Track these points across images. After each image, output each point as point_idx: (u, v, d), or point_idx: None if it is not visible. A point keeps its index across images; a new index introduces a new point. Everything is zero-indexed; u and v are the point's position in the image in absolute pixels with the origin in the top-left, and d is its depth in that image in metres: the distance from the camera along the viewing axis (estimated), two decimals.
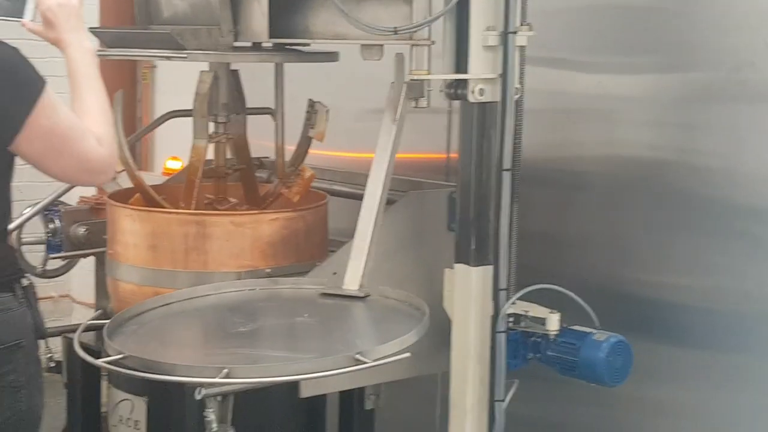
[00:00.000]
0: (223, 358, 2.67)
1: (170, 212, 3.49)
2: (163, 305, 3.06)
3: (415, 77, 3.26)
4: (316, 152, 3.86)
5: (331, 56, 3.70)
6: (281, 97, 3.82)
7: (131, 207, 3.53)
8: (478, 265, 3.22)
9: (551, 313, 3.16)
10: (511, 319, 3.19)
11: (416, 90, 3.30)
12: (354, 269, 3.14)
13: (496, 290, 3.18)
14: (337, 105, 3.82)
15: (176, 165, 4.76)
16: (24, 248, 4.10)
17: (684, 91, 3.51)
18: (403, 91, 3.27)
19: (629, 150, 3.65)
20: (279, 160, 3.84)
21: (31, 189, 4.05)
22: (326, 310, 3.03)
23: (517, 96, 3.26)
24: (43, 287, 4.06)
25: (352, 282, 3.13)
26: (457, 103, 3.36)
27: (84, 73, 2.82)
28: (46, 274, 4.16)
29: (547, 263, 3.74)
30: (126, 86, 6.50)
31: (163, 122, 4.09)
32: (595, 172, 3.74)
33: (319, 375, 2.57)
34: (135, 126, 5.92)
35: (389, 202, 3.40)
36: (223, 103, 3.71)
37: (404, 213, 3.44)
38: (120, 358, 2.61)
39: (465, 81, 3.21)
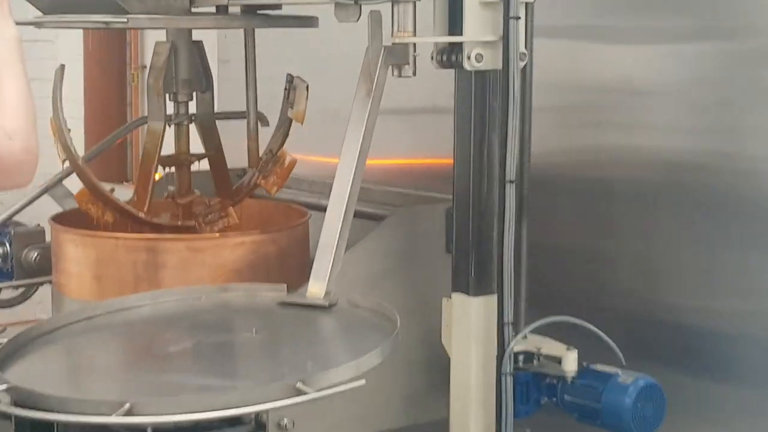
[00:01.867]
0: (134, 388, 2.19)
1: (115, 237, 3.01)
2: (85, 318, 2.53)
3: (398, 41, 2.71)
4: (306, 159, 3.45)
5: (306, 21, 3.16)
6: (253, 70, 3.33)
7: (71, 230, 3.08)
8: (478, 295, 2.75)
9: (568, 350, 2.70)
10: (520, 358, 2.73)
11: (398, 56, 2.79)
12: (318, 273, 2.61)
13: (500, 324, 2.70)
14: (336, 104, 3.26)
15: None
16: None
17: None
18: (381, 57, 2.71)
19: (666, 151, 3.10)
20: (251, 144, 3.32)
21: None
22: (281, 323, 2.56)
23: (523, 63, 2.72)
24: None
25: (316, 289, 2.59)
26: None
27: (2, 59, 2.36)
28: None
29: (566, 288, 3.25)
30: (115, 88, 6.12)
31: (136, 127, 3.56)
32: (624, 177, 3.20)
33: (244, 411, 2.01)
34: None
35: (378, 218, 3.04)
36: (184, 79, 3.24)
37: (394, 232, 2.95)
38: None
39: (460, 45, 2.70)
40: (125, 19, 2.89)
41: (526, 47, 2.72)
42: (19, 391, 2.09)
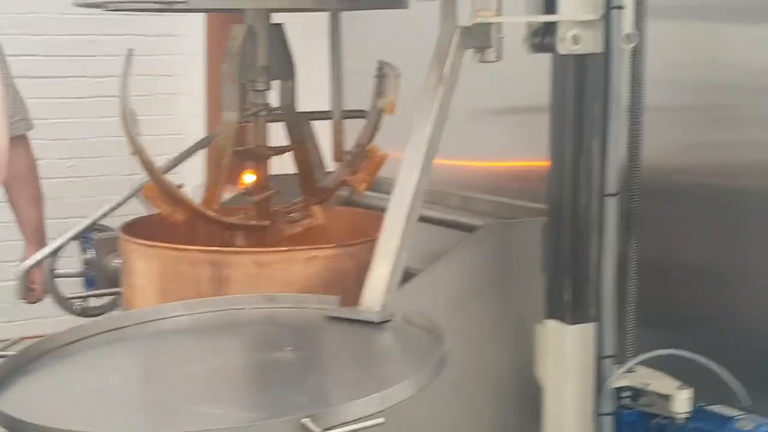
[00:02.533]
0: (129, 418, 1.93)
1: (177, 248, 2.75)
2: (111, 329, 2.30)
3: (480, 20, 2.41)
4: None
5: (394, 2, 2.86)
6: (338, 54, 3.06)
7: (134, 240, 2.84)
8: (575, 323, 2.45)
9: (680, 388, 2.38)
10: (625, 394, 2.41)
11: (478, 37, 2.48)
12: (374, 284, 2.31)
13: (599, 357, 2.40)
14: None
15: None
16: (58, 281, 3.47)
17: None
18: (456, 38, 2.38)
19: None
20: (336, 138, 3.04)
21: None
22: (321, 341, 2.28)
23: (631, 44, 2.38)
24: None
25: (370, 301, 2.29)
26: None
27: None
28: (86, 313, 3.48)
29: (683, 312, 2.92)
30: None
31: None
32: (755, 184, 2.80)
33: None
34: None
35: (468, 228, 2.76)
36: (262, 66, 2.95)
37: (484, 246, 2.67)
38: None
39: (554, 25, 2.39)
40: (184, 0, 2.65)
41: (635, 27, 2.38)
42: (5, 417, 1.87)
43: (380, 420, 1.81)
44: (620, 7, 2.33)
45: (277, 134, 3.09)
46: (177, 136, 5.64)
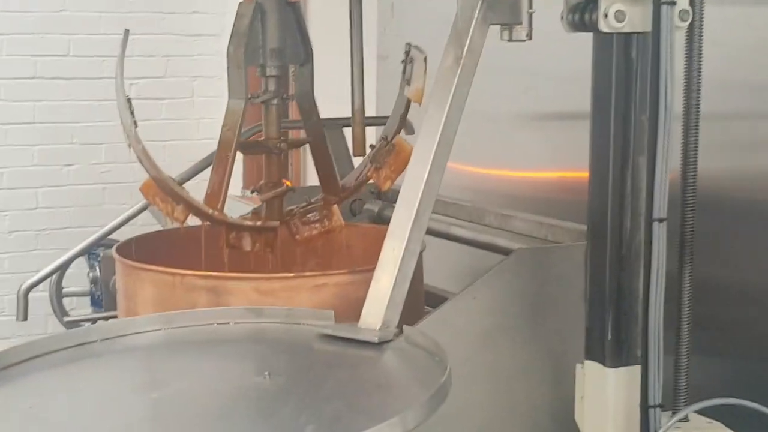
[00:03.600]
0: None
1: (172, 273, 2.46)
2: (73, 346, 1.99)
3: None
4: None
5: None
6: (359, 37, 2.78)
7: (126, 261, 2.57)
8: (617, 366, 2.14)
9: None
10: None
11: (505, 12, 2.16)
12: (375, 297, 1.98)
13: (645, 406, 2.07)
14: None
15: None
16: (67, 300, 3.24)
17: None
18: (477, 12, 2.08)
19: None
20: (357, 130, 2.74)
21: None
22: (308, 363, 1.94)
23: (683, 24, 2.03)
24: None
25: (371, 317, 1.96)
26: None
27: None
28: None
29: (749, 349, 2.57)
30: None
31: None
32: None
33: None
34: None
35: (504, 251, 2.48)
36: (273, 49, 2.65)
37: (516, 276, 2.38)
38: None
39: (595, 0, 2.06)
40: None
41: (691, 4, 2.04)
42: None
43: None
44: None
45: None
46: (216, 140, 5.41)
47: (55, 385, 1.89)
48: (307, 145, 2.83)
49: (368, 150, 2.81)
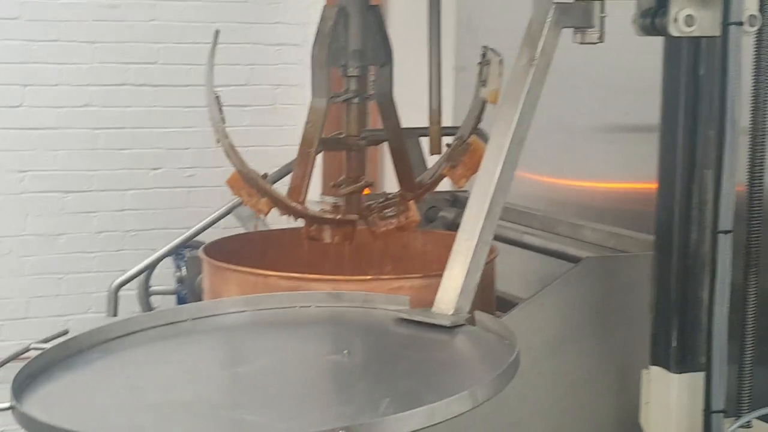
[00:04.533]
0: (156, 422, 1.74)
1: (255, 273, 2.54)
2: (164, 324, 2.11)
3: None
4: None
5: None
6: (437, 38, 2.90)
7: (213, 261, 2.66)
8: (681, 372, 2.23)
9: None
10: None
11: (578, 16, 2.23)
12: (449, 284, 2.06)
13: (708, 411, 2.11)
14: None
15: None
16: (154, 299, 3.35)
17: None
18: (550, 16, 2.14)
19: None
20: (434, 128, 2.81)
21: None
22: (385, 344, 2.06)
23: (751, 28, 2.07)
24: None
25: (444, 303, 2.04)
26: None
27: None
28: None
29: None
30: None
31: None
32: None
33: None
34: None
35: (573, 260, 2.57)
36: (355, 50, 2.75)
37: (584, 284, 2.46)
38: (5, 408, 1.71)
39: (666, 4, 2.11)
40: None
41: (761, 9, 2.08)
42: (22, 416, 1.70)
43: None
44: None
45: None
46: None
47: (148, 358, 2.02)
48: (384, 149, 2.94)
49: (444, 149, 2.91)
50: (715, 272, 2.07)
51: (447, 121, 3.03)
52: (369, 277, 2.58)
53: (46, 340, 2.05)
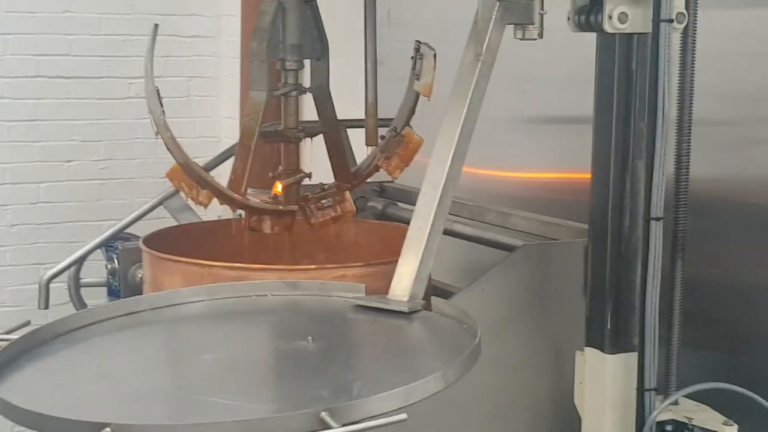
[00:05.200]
0: (139, 407, 1.78)
1: (200, 264, 2.59)
2: (125, 314, 2.15)
3: None
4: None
5: None
6: (372, 31, 2.99)
7: (155, 253, 2.71)
8: (615, 352, 2.33)
9: (725, 424, 2.23)
10: (668, 428, 2.27)
11: (519, 13, 2.33)
12: (404, 272, 2.14)
13: (641, 390, 2.24)
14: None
15: None
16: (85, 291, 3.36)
17: None
18: (495, 13, 2.21)
19: None
20: (370, 121, 2.89)
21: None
22: (346, 330, 2.13)
23: (679, 25, 2.20)
24: None
25: (399, 290, 2.12)
26: None
27: None
28: None
29: (739, 336, 2.71)
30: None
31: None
32: None
33: None
34: None
35: (506, 247, 2.66)
36: (293, 44, 2.82)
37: (521, 271, 2.57)
38: None
39: (600, 2, 2.24)
40: None
41: (686, 7, 2.21)
42: (5, 405, 1.73)
43: (403, 416, 1.64)
44: None
45: None
46: (212, 138, 5.54)
47: (115, 348, 2.06)
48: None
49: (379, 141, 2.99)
50: (647, 257, 2.19)
51: (362, 112, 3.09)
52: (314, 266, 2.65)
53: (8, 332, 2.07)
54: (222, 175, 2.98)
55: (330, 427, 1.60)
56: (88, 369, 1.95)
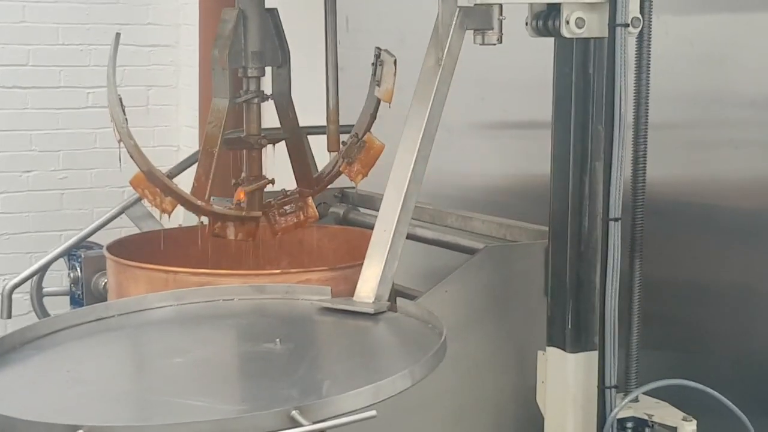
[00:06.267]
0: (113, 410, 1.80)
1: (165, 270, 2.63)
2: (94, 320, 2.16)
3: (481, 1, 2.31)
4: None
5: None
6: (333, 38, 3.00)
7: (120, 260, 2.73)
8: (576, 351, 2.36)
9: (684, 420, 2.27)
10: (628, 425, 2.32)
11: (479, 19, 2.36)
12: (369, 275, 2.17)
13: (601, 387, 2.29)
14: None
15: None
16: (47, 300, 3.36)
17: None
18: (455, 19, 2.25)
19: None
20: (331, 127, 2.92)
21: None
22: (313, 332, 2.16)
23: (634, 30, 2.25)
24: None
25: (364, 292, 2.15)
26: None
27: None
28: None
29: (696, 335, 2.77)
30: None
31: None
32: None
33: None
34: None
35: (466, 250, 2.68)
36: (254, 52, 2.85)
37: (483, 272, 2.60)
38: None
39: (557, 8, 2.28)
40: None
41: (641, 12, 2.26)
42: None
43: (372, 413, 1.67)
44: None
45: None
46: (172, 147, 5.54)
47: (84, 352, 2.07)
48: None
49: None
50: (606, 258, 2.24)
51: (322, 119, 3.12)
52: (278, 271, 2.68)
53: None
54: (184, 183, 3.02)
55: (301, 425, 1.63)
56: (58, 373, 1.97)
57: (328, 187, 3.10)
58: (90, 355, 2.07)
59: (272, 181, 2.92)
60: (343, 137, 3.02)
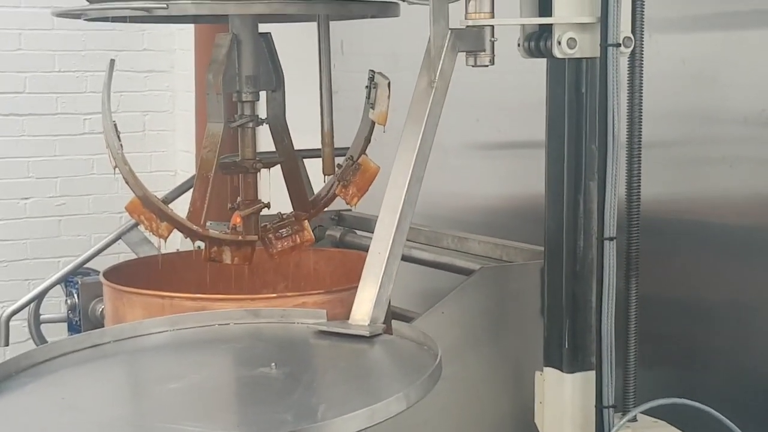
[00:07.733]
0: None
1: (161, 296, 2.63)
2: (89, 347, 2.16)
3: (472, 23, 2.30)
4: None
5: (386, 9, 2.75)
6: (327, 61, 2.94)
7: (116, 286, 2.73)
8: (573, 371, 2.36)
9: None
10: None
11: (471, 41, 2.37)
12: (364, 298, 2.18)
13: (599, 407, 2.27)
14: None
15: None
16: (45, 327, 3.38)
17: None
18: (447, 41, 2.26)
19: None
20: (326, 150, 2.92)
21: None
22: (309, 356, 2.16)
23: (626, 49, 2.25)
24: None
25: (360, 315, 2.15)
26: None
27: None
28: None
29: (696, 354, 2.77)
30: None
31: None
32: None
33: None
34: None
35: (463, 271, 2.68)
36: (248, 76, 2.84)
37: (480, 293, 2.62)
38: None
39: (549, 29, 2.28)
40: (165, 5, 2.54)
41: (633, 32, 2.26)
42: None
43: None
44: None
45: None
46: (168, 172, 5.55)
47: (80, 380, 2.07)
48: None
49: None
50: (602, 276, 2.22)
51: (317, 142, 3.14)
52: (274, 295, 2.69)
53: None
54: (181, 208, 3.02)
55: None
56: (54, 401, 1.96)
57: (325, 209, 3.10)
58: (85, 382, 2.06)
59: (268, 205, 2.92)
60: (338, 160, 3.02)
